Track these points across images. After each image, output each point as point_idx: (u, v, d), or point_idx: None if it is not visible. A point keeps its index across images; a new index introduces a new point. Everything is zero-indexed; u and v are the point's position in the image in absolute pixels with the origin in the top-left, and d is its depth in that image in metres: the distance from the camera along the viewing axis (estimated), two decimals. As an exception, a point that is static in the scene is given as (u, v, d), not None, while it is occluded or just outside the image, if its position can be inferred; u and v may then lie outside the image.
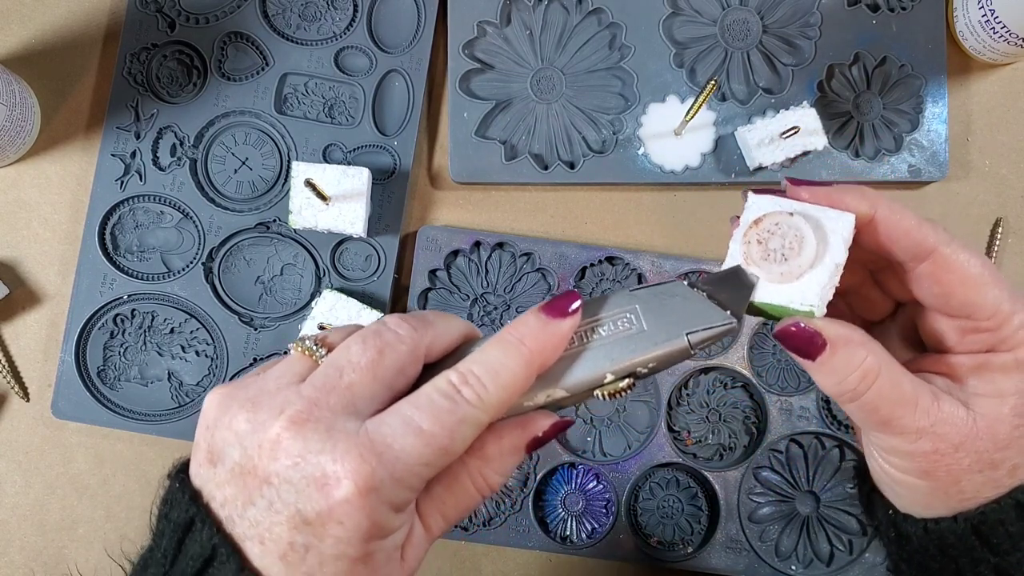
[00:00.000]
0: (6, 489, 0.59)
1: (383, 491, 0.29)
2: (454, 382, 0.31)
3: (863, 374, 0.33)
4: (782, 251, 0.33)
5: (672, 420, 0.59)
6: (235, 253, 0.58)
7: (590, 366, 0.33)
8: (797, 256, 0.33)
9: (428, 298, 0.59)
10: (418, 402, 0.31)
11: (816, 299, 0.33)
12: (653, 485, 0.59)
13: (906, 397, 0.33)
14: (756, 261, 0.34)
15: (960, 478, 0.34)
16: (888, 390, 0.33)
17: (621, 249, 0.59)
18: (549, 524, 0.58)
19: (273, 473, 0.30)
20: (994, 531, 0.34)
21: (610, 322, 0.34)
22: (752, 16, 0.60)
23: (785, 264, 0.33)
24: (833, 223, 0.33)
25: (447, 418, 0.30)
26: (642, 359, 0.33)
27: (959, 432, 0.33)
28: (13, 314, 0.59)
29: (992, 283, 0.33)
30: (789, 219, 0.33)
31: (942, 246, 0.33)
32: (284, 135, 0.59)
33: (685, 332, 0.33)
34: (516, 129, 0.59)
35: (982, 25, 0.58)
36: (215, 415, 0.31)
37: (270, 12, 0.59)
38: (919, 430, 0.33)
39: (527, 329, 0.32)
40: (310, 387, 0.31)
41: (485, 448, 0.33)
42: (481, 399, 0.31)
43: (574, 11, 0.60)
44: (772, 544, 0.58)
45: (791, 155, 0.57)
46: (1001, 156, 0.61)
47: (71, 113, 0.60)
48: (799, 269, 0.33)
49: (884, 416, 0.33)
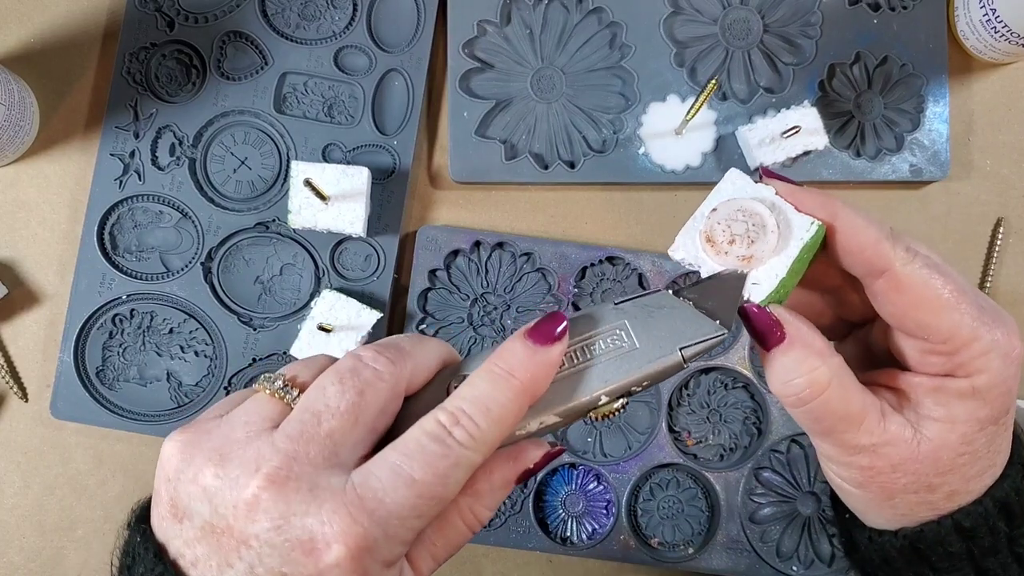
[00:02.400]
0: (5, 490, 0.59)
1: (376, 551, 0.28)
2: (444, 423, 0.29)
3: (810, 382, 0.32)
4: (742, 237, 0.33)
5: (673, 421, 0.59)
6: (234, 253, 0.58)
7: (583, 389, 0.32)
8: (756, 244, 0.32)
9: (428, 298, 0.59)
10: (407, 449, 0.29)
11: (762, 294, 0.32)
12: (654, 486, 0.59)
13: (852, 414, 0.32)
14: (716, 242, 0.33)
15: (894, 495, 0.33)
16: (835, 404, 0.32)
17: (621, 249, 0.59)
18: (549, 525, 0.58)
19: (252, 536, 0.27)
20: (933, 550, 0.34)
21: (600, 341, 0.32)
22: (753, 15, 0.60)
23: (745, 250, 0.32)
24: (799, 229, 0.33)
25: (440, 464, 0.28)
26: (637, 378, 0.32)
27: (899, 453, 0.32)
28: (12, 314, 0.59)
29: (952, 307, 0.31)
30: (758, 208, 0.33)
31: (898, 265, 0.32)
32: (283, 134, 0.58)
33: (678, 347, 0.32)
34: (516, 128, 0.59)
35: (983, 24, 0.58)
36: (177, 466, 0.29)
37: (269, 11, 0.59)
38: (858, 447, 0.33)
39: (516, 359, 0.31)
40: (285, 438, 0.28)
41: (476, 485, 0.32)
42: (474, 439, 0.29)
43: (574, 10, 0.60)
44: (773, 545, 0.58)
45: (792, 154, 0.57)
46: (1002, 156, 0.61)
47: (70, 113, 0.60)
48: (758, 257, 0.32)
49: (826, 428, 0.33)
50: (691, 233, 0.34)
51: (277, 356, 0.57)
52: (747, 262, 0.33)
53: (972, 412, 0.32)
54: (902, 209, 0.61)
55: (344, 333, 0.55)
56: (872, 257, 0.32)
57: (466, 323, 0.58)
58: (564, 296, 0.58)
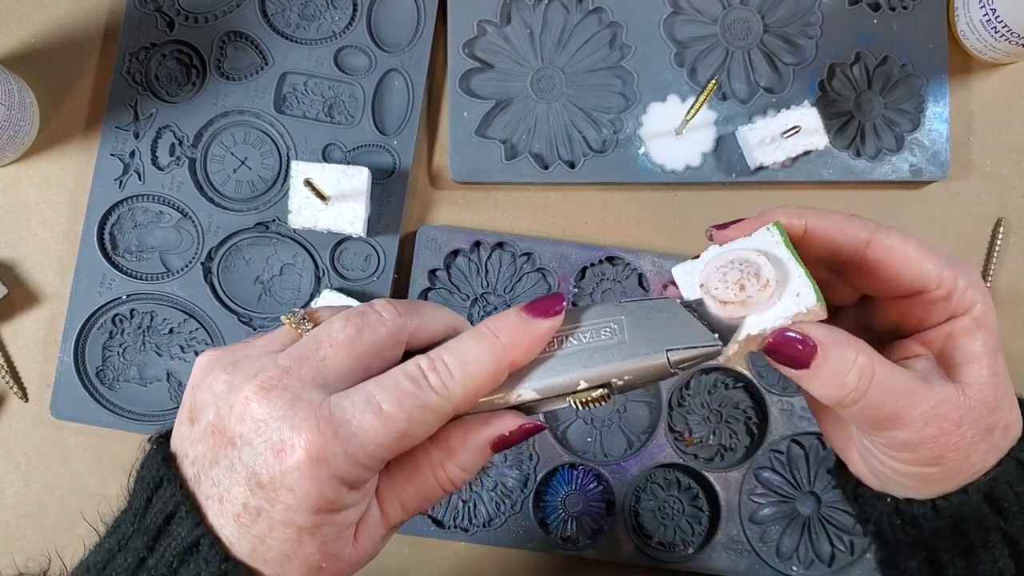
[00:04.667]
0: (5, 490, 0.59)
1: (334, 464, 0.30)
2: (422, 367, 0.31)
3: (860, 372, 0.33)
4: (744, 277, 0.33)
5: (673, 421, 0.59)
6: (234, 253, 0.58)
7: (564, 371, 0.33)
8: (760, 271, 0.33)
9: (428, 298, 0.59)
10: (383, 383, 0.31)
11: (812, 293, 0.32)
12: (654, 486, 0.59)
13: (904, 386, 0.33)
14: (731, 299, 0.33)
15: (969, 452, 0.34)
16: (888, 381, 0.33)
17: (621, 249, 0.59)
18: (550, 525, 0.58)
19: (238, 435, 0.30)
20: (1004, 495, 0.34)
21: (592, 330, 0.33)
22: (753, 15, 0.60)
23: (757, 282, 0.33)
24: (767, 241, 0.34)
25: (409, 401, 0.31)
26: (617, 370, 0.32)
27: (956, 407, 0.33)
28: (12, 314, 0.59)
29: (931, 254, 0.34)
30: (728, 256, 0.34)
31: (876, 234, 0.34)
32: (283, 134, 0.58)
33: (665, 348, 0.33)
34: (516, 128, 0.59)
35: (983, 24, 0.58)
36: (200, 376, 0.32)
37: (269, 11, 0.59)
38: (923, 415, 0.33)
39: (504, 324, 0.32)
40: (286, 356, 0.32)
41: (449, 440, 0.33)
42: (446, 387, 0.31)
43: (574, 10, 0.60)
44: (773, 545, 0.58)
45: (792, 155, 0.57)
46: (1002, 156, 0.61)
47: (70, 113, 0.60)
48: (773, 278, 0.33)
49: (891, 410, 0.33)
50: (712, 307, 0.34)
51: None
52: (768, 289, 0.33)
53: (984, 342, 0.34)
54: (902, 209, 0.61)
55: (344, 333, 0.55)
56: (851, 234, 0.35)
57: (466, 323, 0.58)
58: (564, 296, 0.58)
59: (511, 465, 0.58)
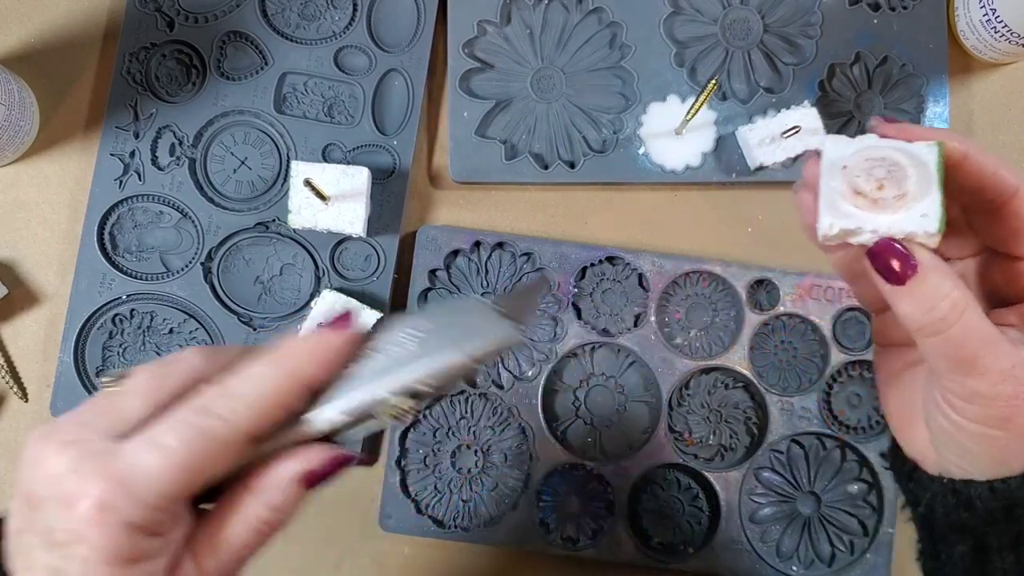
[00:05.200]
0: (5, 490, 0.59)
1: (122, 509, 0.29)
2: (206, 395, 0.30)
3: (952, 303, 0.32)
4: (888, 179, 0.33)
5: (673, 421, 0.59)
6: (234, 253, 0.58)
7: (367, 387, 0.32)
8: (904, 181, 0.33)
9: (428, 298, 0.59)
10: (167, 417, 0.30)
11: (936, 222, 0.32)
12: (654, 486, 0.59)
13: (990, 336, 0.33)
14: (866, 192, 0.33)
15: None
16: (975, 325, 0.33)
17: (621, 249, 0.59)
18: (549, 525, 0.58)
19: (38, 497, 0.30)
20: None
21: (395, 343, 0.33)
22: (753, 15, 0.60)
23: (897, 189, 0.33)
24: (925, 154, 0.33)
25: (188, 432, 0.29)
26: (419, 376, 0.32)
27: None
28: (12, 314, 0.59)
29: None
30: (882, 152, 0.33)
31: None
32: (283, 134, 0.58)
33: (463, 346, 0.33)
34: (516, 129, 0.59)
35: (983, 24, 0.58)
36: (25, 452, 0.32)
37: (269, 11, 0.59)
38: (1002, 371, 0.33)
39: (295, 342, 0.32)
40: (87, 411, 0.31)
41: (253, 477, 0.32)
42: (234, 411, 0.30)
43: (574, 10, 0.60)
44: (773, 545, 0.58)
45: (792, 154, 0.57)
46: (1002, 156, 0.61)
47: (70, 113, 0.60)
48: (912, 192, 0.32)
49: (969, 353, 0.33)
50: (833, 203, 0.34)
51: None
52: (902, 200, 0.33)
53: None
54: (902, 209, 0.61)
55: (344, 333, 0.55)
56: (1005, 178, 0.34)
57: (466, 323, 0.58)
58: (564, 296, 0.58)
59: (511, 465, 0.58)
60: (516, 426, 0.58)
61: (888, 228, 0.33)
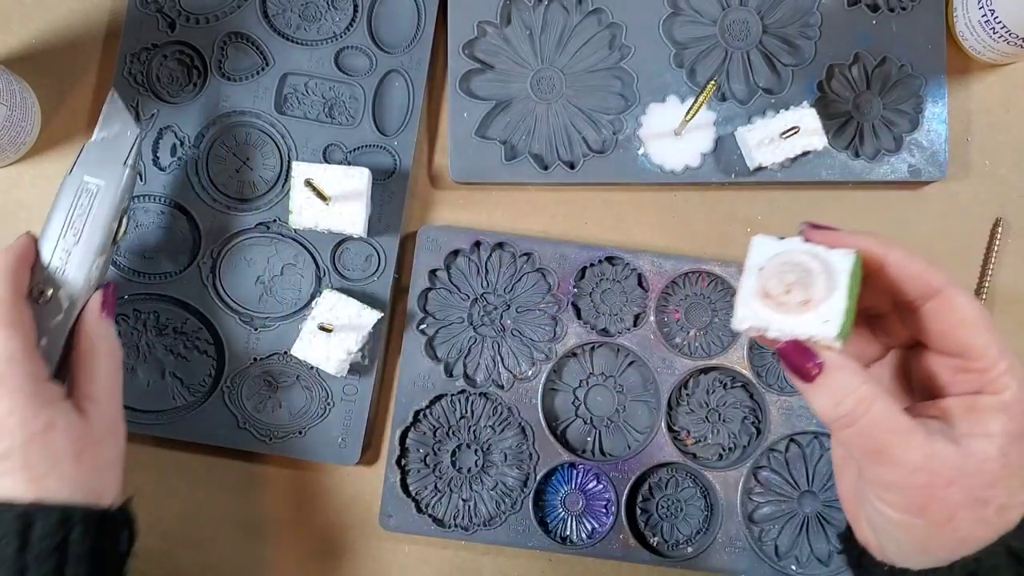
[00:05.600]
0: (6, 489, 0.59)
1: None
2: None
3: (858, 399, 0.34)
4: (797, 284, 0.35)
5: (672, 420, 0.59)
6: (235, 253, 0.58)
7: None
8: (811, 288, 0.35)
9: (428, 298, 0.59)
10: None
11: (836, 328, 0.34)
12: (653, 485, 0.59)
13: (901, 428, 0.35)
14: (774, 295, 0.35)
15: (954, 514, 0.35)
16: (883, 418, 0.34)
17: (621, 249, 0.59)
18: (549, 524, 0.58)
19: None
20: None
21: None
22: (752, 16, 0.60)
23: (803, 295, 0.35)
24: (840, 262, 0.35)
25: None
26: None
27: (951, 467, 0.34)
28: (13, 314, 0.59)
29: (985, 328, 0.36)
30: (797, 257, 0.35)
31: (948, 287, 0.36)
32: (284, 135, 0.59)
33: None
34: (516, 129, 0.59)
35: (982, 25, 0.58)
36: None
37: (270, 12, 0.59)
38: (914, 463, 0.34)
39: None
40: None
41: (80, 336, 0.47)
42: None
43: (574, 11, 0.60)
44: (772, 544, 0.58)
45: (791, 155, 0.57)
46: (1001, 156, 0.61)
47: (71, 113, 0.60)
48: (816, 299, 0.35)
49: (880, 444, 0.35)
50: (746, 301, 0.36)
51: (278, 356, 0.58)
52: (808, 305, 0.35)
53: (1004, 426, 0.35)
54: (900, 209, 0.61)
55: (345, 333, 0.55)
56: (927, 279, 0.36)
57: (466, 323, 0.59)
58: (564, 296, 0.58)
59: (511, 464, 0.58)
60: (516, 425, 0.58)
61: (792, 330, 0.35)
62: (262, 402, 0.58)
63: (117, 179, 0.50)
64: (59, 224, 0.48)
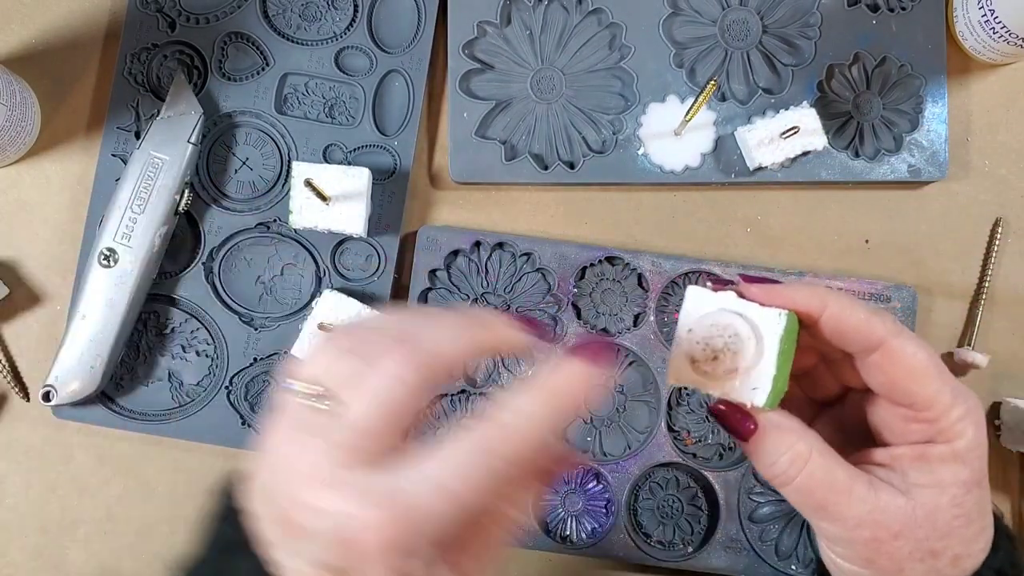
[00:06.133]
0: (7, 489, 0.59)
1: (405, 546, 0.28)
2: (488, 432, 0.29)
3: (792, 458, 0.34)
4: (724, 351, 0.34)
5: (672, 420, 0.59)
6: (235, 253, 0.58)
7: None
8: (740, 354, 0.34)
9: (428, 298, 0.59)
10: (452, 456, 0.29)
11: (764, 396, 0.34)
12: (653, 485, 0.59)
13: (839, 484, 0.34)
14: (700, 364, 0.34)
15: (903, 566, 0.34)
16: (821, 475, 0.34)
17: (621, 249, 0.59)
18: (549, 524, 0.58)
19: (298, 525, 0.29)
20: None
21: None
22: (752, 16, 0.60)
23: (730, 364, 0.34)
24: (770, 324, 0.34)
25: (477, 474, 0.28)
26: None
27: (898, 520, 0.34)
28: (13, 314, 0.59)
29: (935, 376, 0.34)
30: (727, 319, 0.34)
31: (891, 338, 0.34)
32: (284, 135, 0.59)
33: None
34: (516, 129, 0.59)
35: (982, 25, 0.58)
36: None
37: (270, 12, 0.59)
38: (856, 517, 0.34)
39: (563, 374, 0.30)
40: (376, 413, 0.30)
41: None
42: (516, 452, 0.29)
43: (574, 11, 0.60)
44: (772, 544, 0.58)
45: (791, 155, 0.57)
46: (1001, 156, 0.61)
47: (72, 113, 0.60)
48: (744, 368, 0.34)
49: (819, 501, 0.34)
50: (677, 364, 0.35)
51: (278, 356, 0.58)
52: (734, 374, 0.34)
53: (956, 475, 0.34)
54: (900, 209, 0.61)
55: (345, 333, 0.55)
56: (867, 332, 0.34)
57: (466, 323, 0.59)
58: (564, 296, 0.58)
59: (511, 464, 0.58)
60: (516, 425, 0.58)
61: (720, 395, 0.35)
62: (263, 402, 0.58)
63: (181, 155, 0.54)
64: (127, 194, 0.54)
